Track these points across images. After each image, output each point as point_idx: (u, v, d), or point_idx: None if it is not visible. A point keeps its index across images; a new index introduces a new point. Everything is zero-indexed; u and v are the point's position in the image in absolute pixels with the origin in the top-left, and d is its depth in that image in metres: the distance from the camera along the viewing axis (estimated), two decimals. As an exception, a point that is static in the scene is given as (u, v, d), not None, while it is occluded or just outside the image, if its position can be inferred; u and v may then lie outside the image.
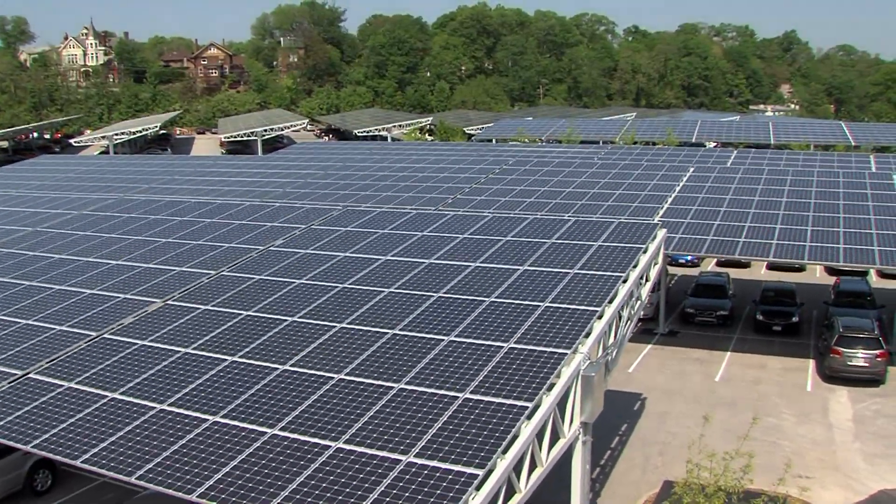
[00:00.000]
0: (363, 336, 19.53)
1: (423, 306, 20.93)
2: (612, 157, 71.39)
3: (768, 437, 30.85)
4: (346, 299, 21.83)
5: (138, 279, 24.93)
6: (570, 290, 21.13)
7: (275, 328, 20.40)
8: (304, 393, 17.14)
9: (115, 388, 18.05)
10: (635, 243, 24.45)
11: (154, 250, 27.64)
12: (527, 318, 19.68)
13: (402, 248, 25.59)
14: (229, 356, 19.08)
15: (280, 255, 25.96)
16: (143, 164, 64.11)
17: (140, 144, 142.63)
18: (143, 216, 32.05)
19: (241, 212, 31.37)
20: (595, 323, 19.38)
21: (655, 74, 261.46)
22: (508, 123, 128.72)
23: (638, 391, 35.16)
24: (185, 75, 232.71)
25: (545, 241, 25.11)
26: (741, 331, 44.02)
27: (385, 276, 23.22)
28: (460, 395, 16.53)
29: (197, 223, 30.31)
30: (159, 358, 19.33)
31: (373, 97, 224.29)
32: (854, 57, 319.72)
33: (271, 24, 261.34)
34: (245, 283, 23.73)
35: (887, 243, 37.84)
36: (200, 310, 22.01)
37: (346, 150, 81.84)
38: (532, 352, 18.02)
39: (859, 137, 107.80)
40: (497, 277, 22.45)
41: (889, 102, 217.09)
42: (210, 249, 27.16)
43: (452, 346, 18.63)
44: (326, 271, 24.06)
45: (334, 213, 29.87)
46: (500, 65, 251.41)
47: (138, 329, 21.12)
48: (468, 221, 27.83)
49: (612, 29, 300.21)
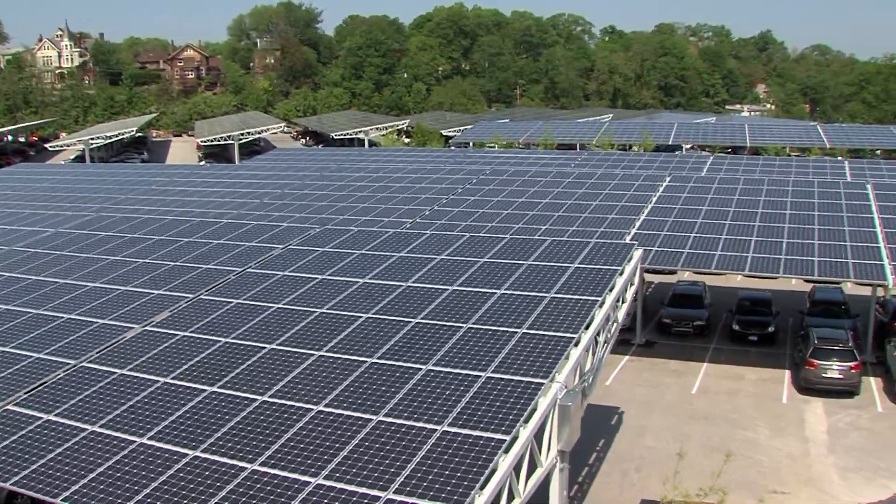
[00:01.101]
0: (342, 364, 19.63)
1: (402, 332, 21.05)
2: (588, 164, 71.71)
3: (745, 452, 31.16)
4: (324, 325, 21.92)
5: (116, 303, 24.94)
6: (546, 316, 21.28)
7: (254, 356, 20.47)
8: (284, 426, 17.22)
9: (95, 421, 18.08)
10: (611, 265, 24.64)
11: (132, 272, 27.65)
12: (504, 346, 19.82)
13: (380, 269, 25.70)
14: (208, 386, 19.14)
15: (258, 277, 26.03)
16: (121, 174, 63.92)
17: (116, 148, 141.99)
18: (121, 234, 32.04)
19: (218, 230, 31.41)
20: (572, 350, 19.55)
21: (632, 75, 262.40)
22: (485, 126, 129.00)
23: (615, 405, 35.41)
24: (161, 77, 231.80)
25: (522, 263, 25.27)
26: (717, 340, 44.37)
27: (363, 301, 23.33)
28: (438, 427, 16.65)
29: (174, 242, 30.32)
30: (138, 388, 19.37)
31: (350, 99, 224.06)
32: (829, 57, 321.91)
33: (247, 25, 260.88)
34: (223, 307, 23.79)
35: (861, 256, 38.24)
36: (179, 336, 22.05)
37: (322, 157, 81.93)
38: (509, 381, 18.16)
39: (834, 140, 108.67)
40: (474, 302, 22.59)
41: (863, 103, 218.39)
42: (188, 271, 27.19)
43: (430, 375, 18.75)
44: (304, 295, 24.15)
45: (312, 233, 29.95)
46: (476, 66, 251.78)
47: (117, 357, 21.14)
48: (445, 241, 27.95)
49: (589, 29, 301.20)
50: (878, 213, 43.58)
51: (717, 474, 22.82)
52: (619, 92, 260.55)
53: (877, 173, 65.06)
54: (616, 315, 23.87)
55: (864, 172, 65.21)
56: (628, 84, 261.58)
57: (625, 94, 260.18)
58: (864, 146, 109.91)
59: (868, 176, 63.96)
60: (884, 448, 31.64)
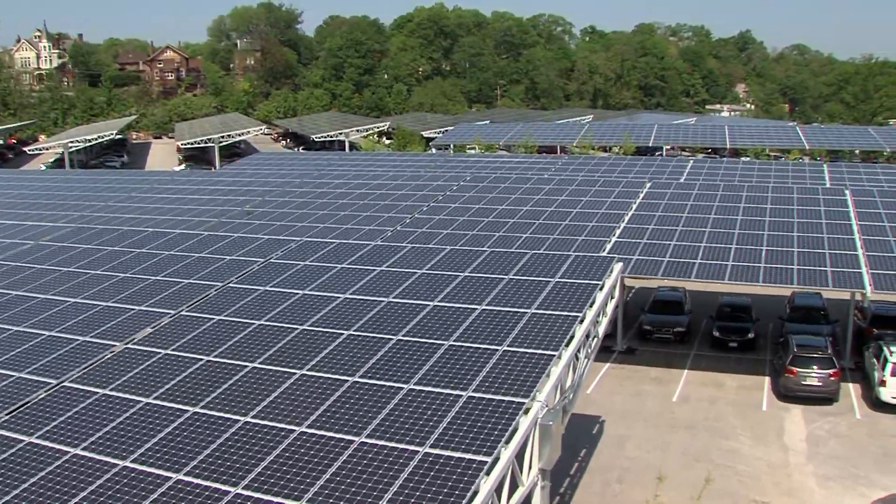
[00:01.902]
0: (324, 384, 19.68)
1: (383, 350, 21.12)
2: (568, 169, 71.90)
3: (725, 461, 31.38)
4: (305, 342, 21.97)
5: (98, 319, 24.90)
6: (527, 333, 21.39)
7: (235, 375, 20.50)
8: (267, 447, 17.26)
9: (77, 444, 18.06)
10: (591, 279, 24.78)
11: (113, 286, 27.62)
12: (485, 364, 19.92)
13: (361, 285, 25.76)
14: (191, 407, 19.16)
15: (239, 292, 26.05)
16: (101, 180, 63.76)
17: (96, 151, 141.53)
18: (102, 247, 31.98)
19: (199, 243, 31.40)
20: (552, 368, 19.66)
21: (612, 75, 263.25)
22: (466, 128, 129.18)
23: (596, 414, 35.54)
24: (140, 78, 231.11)
25: (503, 278, 25.38)
26: (698, 347, 44.57)
27: (344, 317, 23.38)
28: (420, 449, 16.72)
29: (155, 256, 30.30)
30: (120, 409, 19.36)
31: (330, 100, 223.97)
32: (808, 56, 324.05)
33: (227, 26, 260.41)
34: (205, 324, 23.80)
35: (840, 264, 38.55)
36: (161, 354, 22.05)
37: (303, 162, 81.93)
38: (490, 401, 18.25)
39: (813, 141, 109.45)
40: (455, 318, 22.67)
41: (842, 103, 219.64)
42: (169, 286, 27.18)
43: (412, 395, 18.83)
44: (285, 311, 24.19)
45: (292, 245, 29.98)
46: (457, 66, 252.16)
47: (99, 376, 21.11)
48: (426, 255, 28.03)
49: (569, 30, 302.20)
50: (856, 219, 43.92)
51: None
52: (600, 92, 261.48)
53: (855, 178, 65.46)
54: (597, 330, 24.00)
55: (843, 177, 65.61)
56: (608, 84, 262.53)
57: (605, 95, 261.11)
58: (842, 147, 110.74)
59: (847, 180, 64.37)
60: (861, 456, 31.89)
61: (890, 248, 40.34)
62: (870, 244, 40.79)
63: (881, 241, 41.07)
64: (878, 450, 32.51)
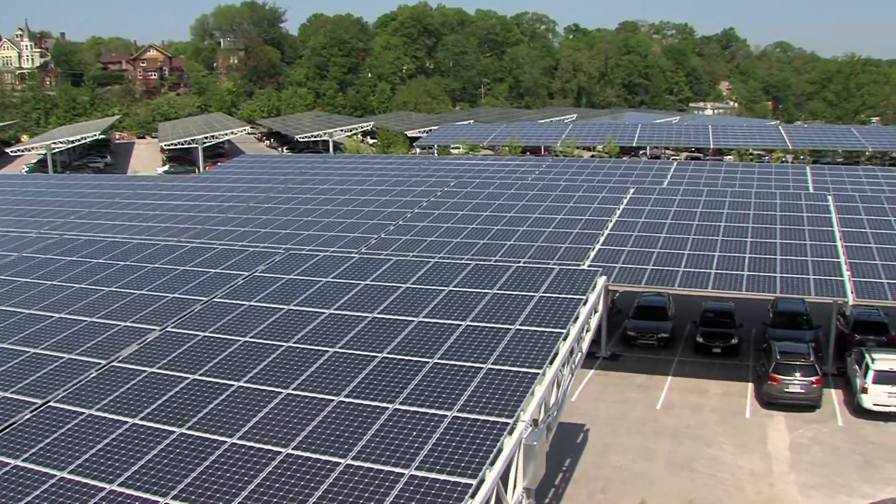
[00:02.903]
0: (309, 404, 19.76)
1: (368, 369, 21.20)
2: (552, 172, 72.14)
3: (709, 470, 31.61)
4: (291, 360, 22.03)
5: (83, 336, 24.89)
6: (511, 350, 21.51)
7: (221, 395, 20.54)
8: (254, 470, 17.32)
9: (63, 467, 18.08)
10: (575, 294, 24.91)
11: (98, 301, 27.61)
12: (470, 382, 20.02)
13: (346, 299, 25.83)
14: (177, 428, 19.20)
15: (224, 307, 26.09)
16: (84, 185, 63.61)
17: (79, 151, 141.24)
18: (86, 259, 31.96)
19: (184, 255, 31.39)
20: (536, 387, 19.78)
21: (596, 73, 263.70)
22: (450, 129, 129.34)
23: (581, 422, 35.71)
24: (123, 78, 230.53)
25: (486, 292, 25.49)
26: (682, 352, 44.81)
27: (329, 334, 23.45)
28: (405, 471, 16.82)
29: (140, 268, 30.29)
30: (107, 430, 19.38)
31: (314, 99, 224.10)
32: (791, 54, 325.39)
33: (211, 25, 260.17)
34: (190, 340, 23.84)
35: (822, 271, 38.81)
36: (146, 373, 22.08)
37: (287, 165, 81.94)
38: (475, 421, 18.36)
39: (796, 141, 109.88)
40: (440, 335, 22.78)
41: (824, 101, 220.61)
42: (154, 300, 27.19)
43: (397, 415, 18.92)
44: (271, 327, 24.25)
45: (276, 259, 30.02)
46: (441, 65, 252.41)
47: (84, 395, 21.12)
48: (410, 268, 28.11)
49: (553, 28, 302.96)
50: (838, 225, 44.22)
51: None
52: (584, 90, 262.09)
53: (838, 181, 65.81)
54: (581, 346, 24.15)
55: (826, 180, 65.90)
56: (592, 82, 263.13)
57: (589, 93, 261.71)
58: (825, 147, 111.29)
59: (830, 184, 64.72)
60: (843, 464, 32.16)
61: (871, 255, 40.64)
62: (852, 251, 41.09)
63: (863, 248, 41.36)
64: (860, 457, 32.78)
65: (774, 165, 76.54)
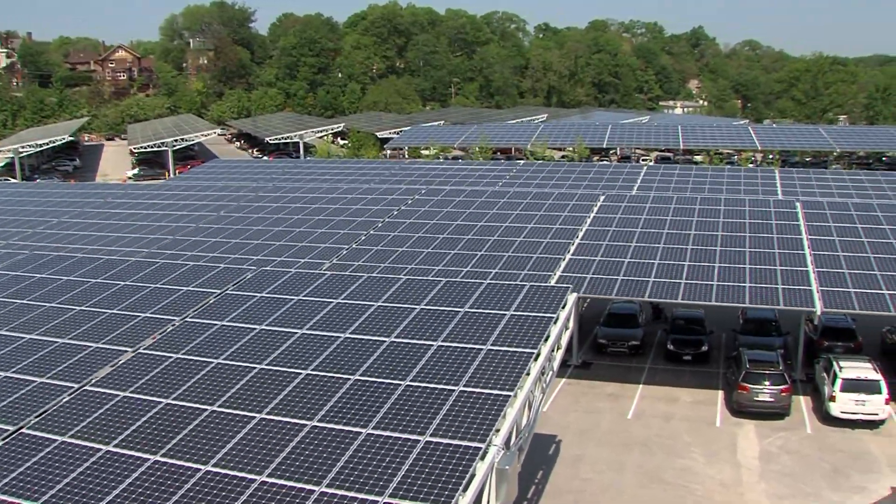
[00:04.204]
0: (283, 428, 19.84)
1: (341, 391, 21.31)
2: (523, 176, 72.38)
3: (679, 481, 31.92)
4: (264, 383, 22.09)
5: (53, 358, 24.79)
6: (483, 371, 21.68)
7: (195, 419, 20.59)
8: (227, 499, 17.39)
9: (37, 497, 18.07)
10: (546, 312, 25.10)
11: (69, 321, 27.51)
12: (442, 406, 20.17)
13: (318, 319, 25.90)
14: (151, 455, 19.22)
15: (196, 327, 26.10)
16: (53, 193, 63.25)
17: (48, 154, 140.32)
18: (56, 276, 31.83)
19: (155, 272, 31.34)
20: (508, 410, 19.96)
21: (566, 72, 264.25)
22: (421, 130, 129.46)
23: (552, 432, 35.94)
24: (92, 79, 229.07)
25: (458, 310, 25.63)
26: (653, 360, 45.13)
27: (302, 355, 23.53)
28: (379, 499, 16.94)
29: (111, 286, 30.21)
30: (80, 458, 19.35)
31: (284, 99, 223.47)
32: (759, 52, 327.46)
33: (180, 24, 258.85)
34: (163, 363, 23.84)
35: (791, 281, 39.22)
36: (120, 397, 22.08)
37: (258, 172, 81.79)
38: (448, 446, 18.51)
39: (765, 141, 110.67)
40: (412, 355, 22.91)
41: (793, 100, 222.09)
42: (125, 320, 27.15)
43: (370, 440, 19.04)
44: (244, 348, 24.28)
45: (248, 276, 30.06)
46: (411, 64, 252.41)
47: (57, 422, 21.07)
48: (382, 285, 28.20)
49: (523, 27, 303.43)
50: (806, 233, 44.64)
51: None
52: (554, 89, 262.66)
53: (806, 187, 66.30)
54: (552, 365, 24.34)
55: (795, 186, 66.35)
56: (562, 81, 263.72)
57: (559, 92, 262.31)
58: (794, 148, 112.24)
59: (798, 189, 65.23)
60: (811, 472, 32.57)
61: (839, 263, 41.08)
62: (819, 260, 41.51)
63: (831, 257, 41.80)
64: (828, 466, 33.20)
65: (744, 169, 76.98)
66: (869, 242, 43.44)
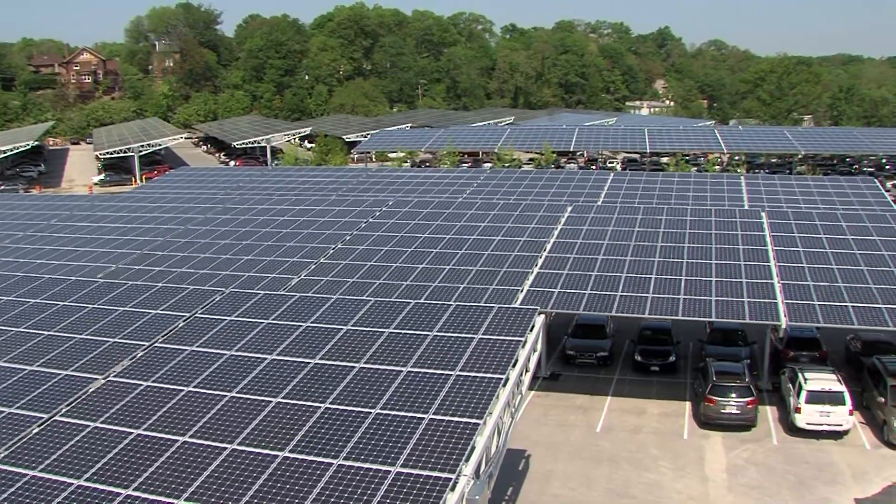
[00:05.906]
0: (255, 460, 19.89)
1: (311, 420, 21.39)
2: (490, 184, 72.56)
3: (648, 496, 32.21)
4: (234, 412, 22.12)
5: (21, 388, 24.62)
6: (452, 398, 21.81)
7: (166, 452, 20.58)
8: (197, 536, 17.48)
9: (6, 535, 18.13)
10: (514, 335, 25.28)
11: (36, 347, 27.37)
12: (412, 435, 20.30)
13: (288, 343, 25.95)
14: (122, 489, 19.21)
15: (166, 353, 26.07)
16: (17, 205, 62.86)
17: (12, 159, 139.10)
18: (23, 299, 31.62)
19: (123, 294, 31.20)
20: (477, 438, 20.11)
21: (533, 73, 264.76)
22: (387, 135, 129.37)
23: (522, 447, 36.13)
24: (56, 82, 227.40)
25: (427, 334, 25.75)
26: (621, 371, 45.43)
27: (272, 382, 23.58)
28: (350, 534, 17.08)
29: (79, 310, 30.06)
30: (50, 493, 19.30)
31: (251, 102, 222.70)
32: (725, 52, 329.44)
33: (145, 27, 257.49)
34: (133, 391, 23.81)
35: (756, 294, 39.64)
36: (90, 428, 22.02)
37: (224, 180, 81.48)
38: (418, 477, 18.64)
39: (731, 145, 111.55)
40: (381, 382, 23.00)
41: (758, 100, 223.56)
42: (93, 346, 27.04)
43: (340, 472, 19.13)
44: (214, 375, 24.29)
45: (217, 298, 30.05)
46: (378, 66, 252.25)
47: (24, 455, 20.98)
48: (351, 308, 28.25)
49: (490, 28, 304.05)
50: (772, 244, 45.09)
51: None
52: (521, 90, 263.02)
53: (772, 194, 66.71)
54: (520, 389, 24.53)
55: (761, 194, 66.74)
56: (529, 82, 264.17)
57: (526, 93, 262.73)
58: (759, 151, 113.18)
59: (764, 196, 65.67)
60: (777, 485, 32.99)
61: (804, 275, 41.55)
62: (784, 272, 41.97)
63: (796, 269, 42.28)
64: (794, 478, 33.63)
65: (710, 176, 77.28)
66: (833, 254, 43.97)
